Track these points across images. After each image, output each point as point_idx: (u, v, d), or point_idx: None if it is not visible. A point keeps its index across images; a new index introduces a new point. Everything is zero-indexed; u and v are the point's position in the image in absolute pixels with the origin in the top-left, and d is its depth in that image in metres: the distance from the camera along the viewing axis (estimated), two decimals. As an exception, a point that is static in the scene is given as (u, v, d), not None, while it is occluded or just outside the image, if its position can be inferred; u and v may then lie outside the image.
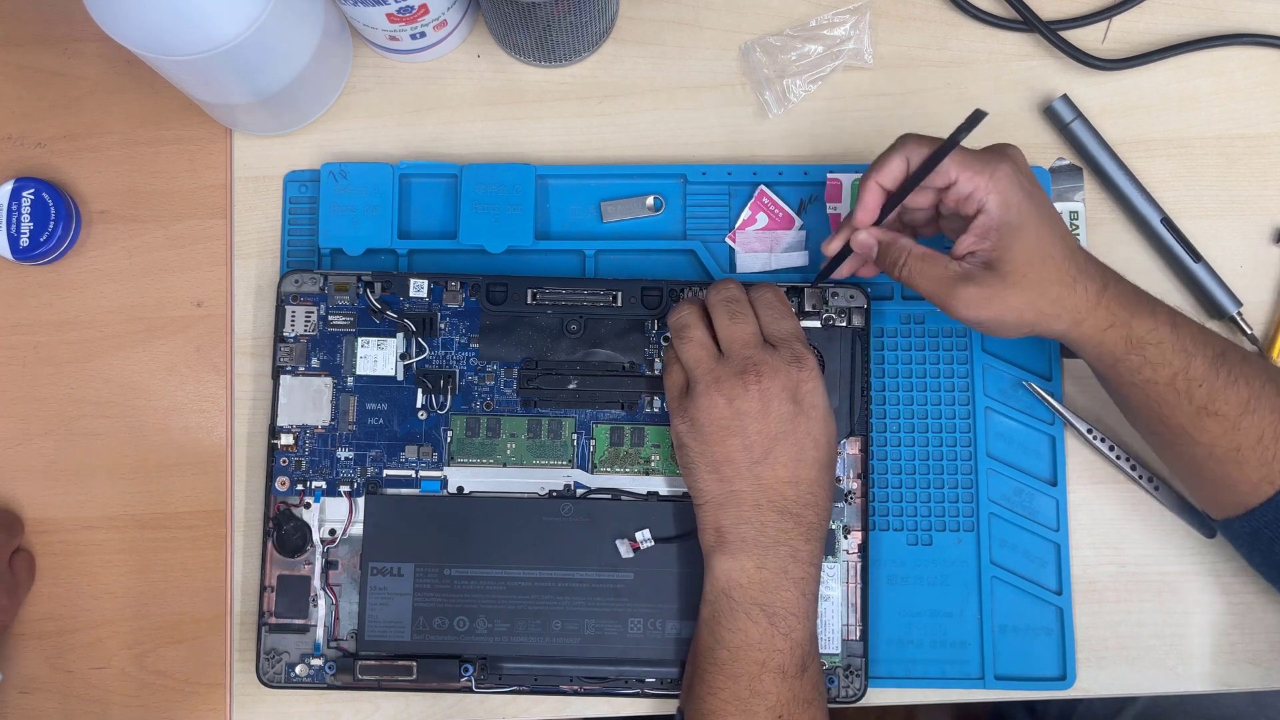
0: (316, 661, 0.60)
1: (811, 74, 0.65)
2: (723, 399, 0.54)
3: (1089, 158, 0.64)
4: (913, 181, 0.54)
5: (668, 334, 0.61)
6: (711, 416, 0.54)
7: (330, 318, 0.62)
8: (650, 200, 0.64)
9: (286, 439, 0.61)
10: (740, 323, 0.56)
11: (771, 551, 0.53)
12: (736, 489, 0.54)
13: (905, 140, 0.54)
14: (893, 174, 0.54)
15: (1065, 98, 0.64)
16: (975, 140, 0.53)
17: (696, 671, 0.55)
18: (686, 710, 0.55)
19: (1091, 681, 0.61)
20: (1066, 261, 0.52)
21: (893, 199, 0.55)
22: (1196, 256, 0.63)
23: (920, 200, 0.56)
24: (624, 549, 0.59)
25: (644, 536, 0.59)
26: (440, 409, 0.61)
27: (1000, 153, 0.53)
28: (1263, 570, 0.58)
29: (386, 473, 0.61)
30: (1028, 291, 0.52)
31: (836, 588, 0.60)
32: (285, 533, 0.60)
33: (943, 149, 0.52)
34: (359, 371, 0.61)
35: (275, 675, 0.60)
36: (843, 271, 0.58)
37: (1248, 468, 0.53)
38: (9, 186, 0.63)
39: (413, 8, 0.59)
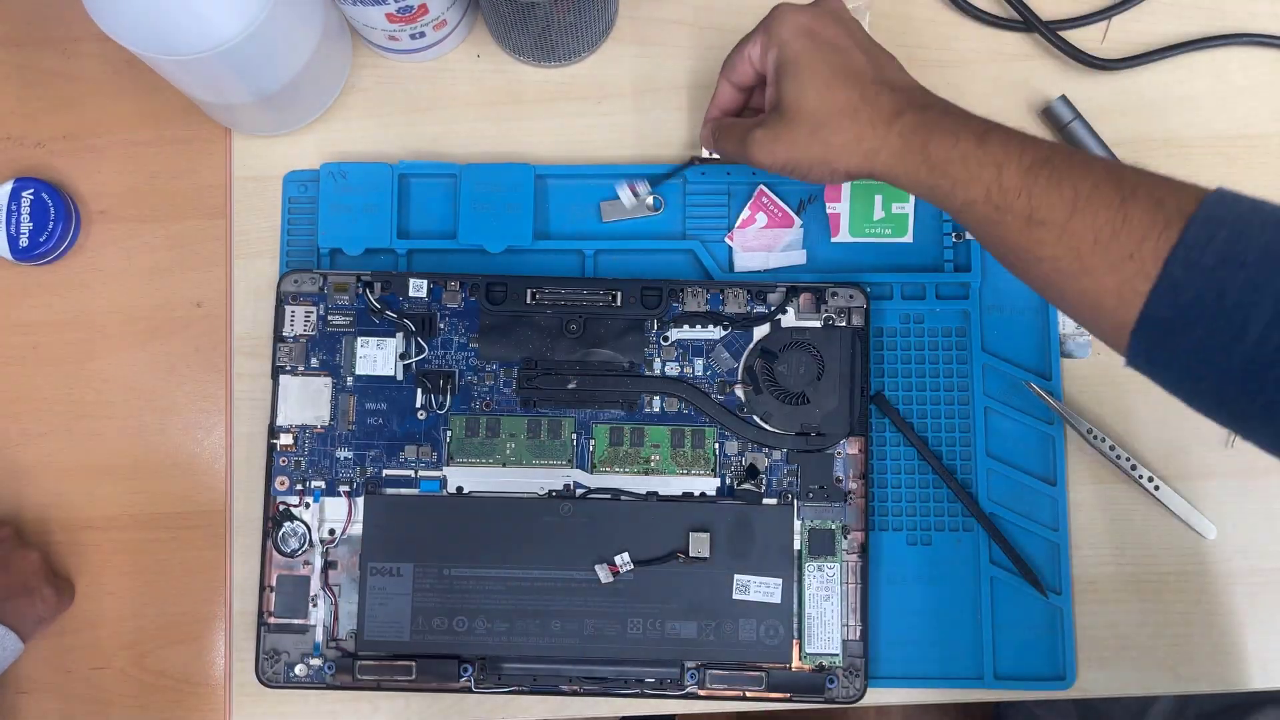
0: (316, 661, 0.60)
1: (811, 74, 0.65)
2: None
3: (1089, 158, 0.64)
4: None
5: (667, 333, 0.61)
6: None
7: (329, 317, 0.62)
8: (650, 200, 0.64)
9: (286, 439, 0.61)
10: None
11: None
12: None
13: (749, 37, 0.55)
14: (742, 73, 0.56)
15: (1064, 98, 0.64)
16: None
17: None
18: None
19: (1091, 681, 0.61)
20: (853, 90, 0.49)
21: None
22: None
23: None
24: (603, 574, 0.59)
25: (624, 560, 0.59)
26: (439, 409, 0.61)
27: (777, 7, 0.54)
28: (1180, 393, 0.46)
29: (386, 473, 0.61)
30: (808, 124, 0.50)
31: (836, 588, 0.60)
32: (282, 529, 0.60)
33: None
34: (358, 371, 0.61)
35: (275, 675, 0.60)
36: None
37: (1098, 274, 0.44)
38: (9, 186, 0.63)
39: (412, 8, 0.59)
